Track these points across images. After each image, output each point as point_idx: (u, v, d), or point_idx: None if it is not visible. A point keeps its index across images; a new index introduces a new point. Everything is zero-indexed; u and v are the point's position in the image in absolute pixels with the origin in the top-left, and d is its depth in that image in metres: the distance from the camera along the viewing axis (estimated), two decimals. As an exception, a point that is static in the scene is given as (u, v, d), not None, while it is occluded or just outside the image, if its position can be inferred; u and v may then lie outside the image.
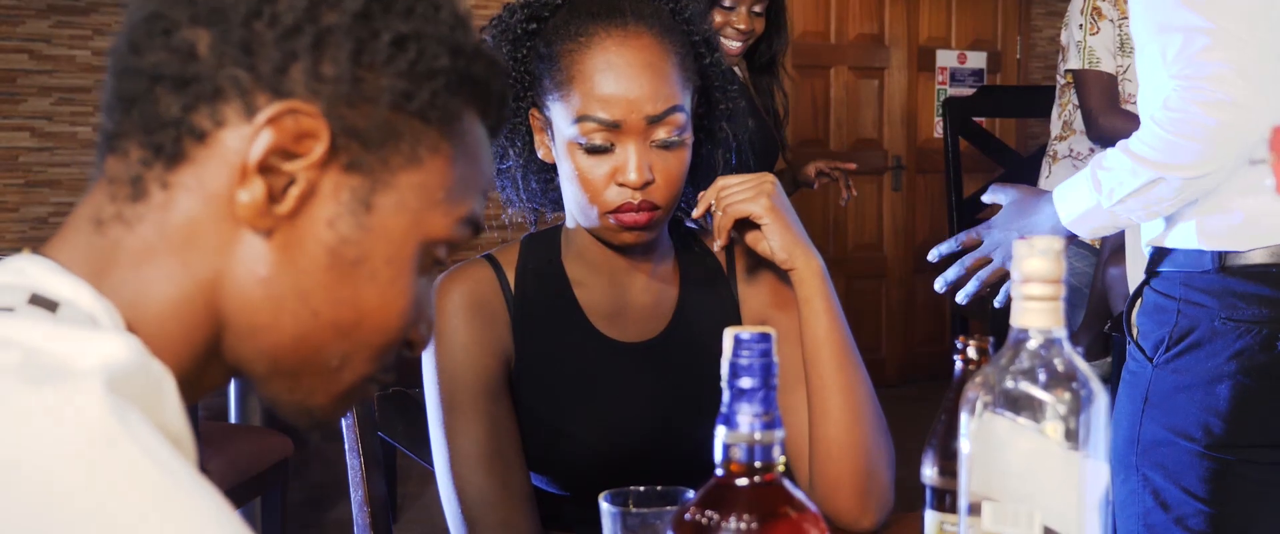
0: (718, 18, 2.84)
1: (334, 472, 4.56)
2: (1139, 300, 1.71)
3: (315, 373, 0.81)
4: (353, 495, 1.65)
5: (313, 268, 0.78)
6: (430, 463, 1.66)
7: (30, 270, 0.75)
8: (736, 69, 3.03)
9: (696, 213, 1.42)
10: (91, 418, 0.63)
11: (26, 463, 0.61)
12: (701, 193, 1.43)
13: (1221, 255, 1.61)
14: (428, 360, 1.45)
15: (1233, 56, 1.50)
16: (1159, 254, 1.69)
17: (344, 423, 1.65)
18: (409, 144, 0.80)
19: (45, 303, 0.72)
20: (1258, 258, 1.60)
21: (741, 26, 2.88)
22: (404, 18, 0.79)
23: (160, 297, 0.76)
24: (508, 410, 1.44)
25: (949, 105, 3.78)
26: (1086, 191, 1.63)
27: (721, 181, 1.41)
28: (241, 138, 0.76)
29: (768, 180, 1.39)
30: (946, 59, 6.16)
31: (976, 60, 6.20)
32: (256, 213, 0.76)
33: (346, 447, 1.65)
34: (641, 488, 1.13)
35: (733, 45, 2.89)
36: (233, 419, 3.48)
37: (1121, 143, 1.60)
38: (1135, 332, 1.71)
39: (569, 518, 1.48)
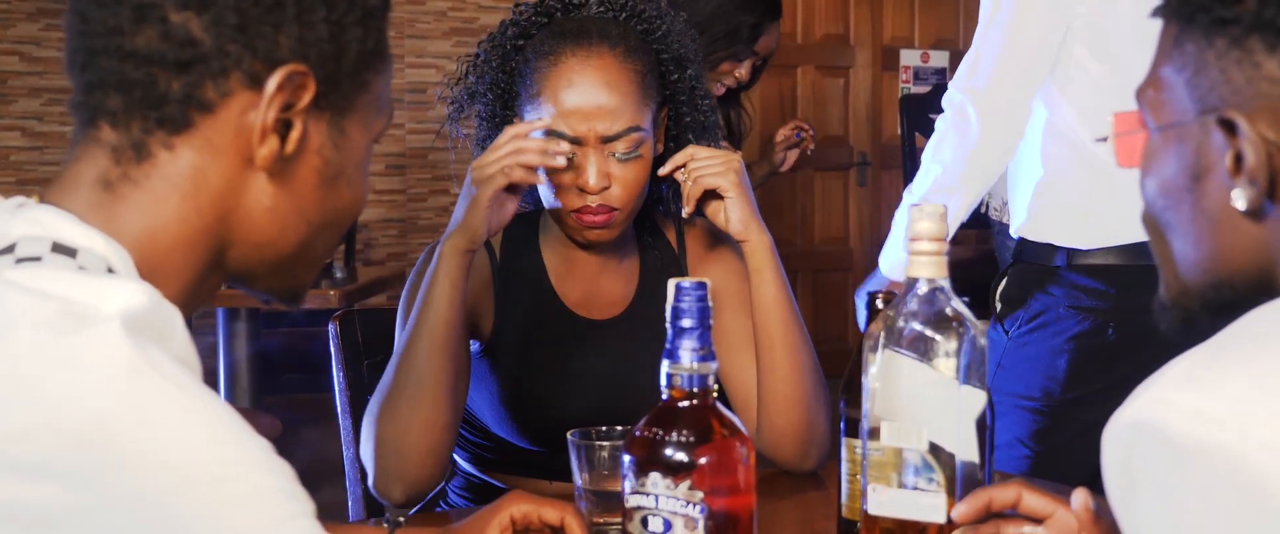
0: (725, 65, 2.96)
1: (321, 454, 4.68)
2: (1003, 281, 2.07)
3: (306, 263, 0.98)
4: (345, 452, 1.82)
5: (306, 189, 0.93)
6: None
7: (46, 220, 0.85)
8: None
9: (663, 171, 1.56)
10: (115, 355, 0.75)
11: (70, 400, 0.74)
12: (674, 155, 1.56)
13: (1069, 254, 1.97)
14: (402, 306, 1.60)
15: (995, 78, 1.95)
16: (1023, 245, 2.06)
17: (336, 387, 1.82)
18: (365, 73, 0.95)
19: (65, 250, 0.83)
20: (1096, 259, 1.96)
21: (742, 76, 3.01)
22: None
23: (169, 234, 0.89)
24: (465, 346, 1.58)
25: (906, 102, 3.96)
26: (900, 232, 2.05)
27: (693, 150, 1.55)
28: (246, 102, 0.88)
29: (735, 158, 1.54)
30: (910, 58, 6.34)
31: (939, 59, 6.39)
32: (271, 160, 0.90)
33: (339, 409, 1.82)
34: (604, 427, 1.32)
35: (719, 89, 3.00)
36: (222, 403, 3.64)
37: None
38: (998, 307, 2.06)
39: (541, 468, 1.66)
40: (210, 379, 4.11)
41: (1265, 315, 0.79)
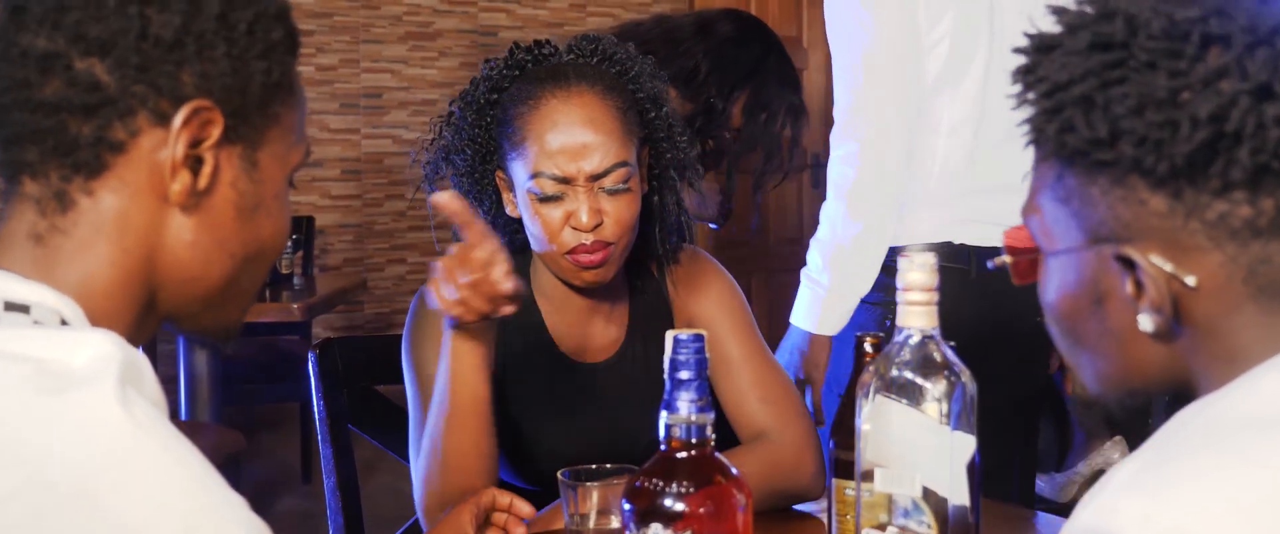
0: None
1: (282, 463, 4.69)
2: None
3: (236, 299, 1.00)
4: (326, 482, 1.83)
5: (225, 222, 0.95)
6: (390, 449, 1.85)
7: None
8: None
9: None
10: (106, 415, 0.77)
11: (57, 459, 0.75)
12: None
13: (895, 252, 2.02)
14: (407, 359, 1.62)
15: (865, 129, 1.95)
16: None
17: (317, 416, 1.83)
18: (273, 106, 0.96)
19: (18, 307, 0.85)
20: (892, 257, 2.01)
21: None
22: (246, 7, 0.94)
23: (103, 279, 0.91)
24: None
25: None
26: (807, 296, 2.04)
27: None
28: (156, 140, 0.90)
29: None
30: (862, 60, 6.39)
31: (891, 61, 6.44)
32: (185, 195, 0.92)
33: (320, 437, 1.83)
34: (593, 466, 1.33)
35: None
36: (184, 416, 3.62)
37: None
38: None
39: (536, 506, 1.68)
40: (171, 389, 4.10)
41: (1204, 414, 0.81)
